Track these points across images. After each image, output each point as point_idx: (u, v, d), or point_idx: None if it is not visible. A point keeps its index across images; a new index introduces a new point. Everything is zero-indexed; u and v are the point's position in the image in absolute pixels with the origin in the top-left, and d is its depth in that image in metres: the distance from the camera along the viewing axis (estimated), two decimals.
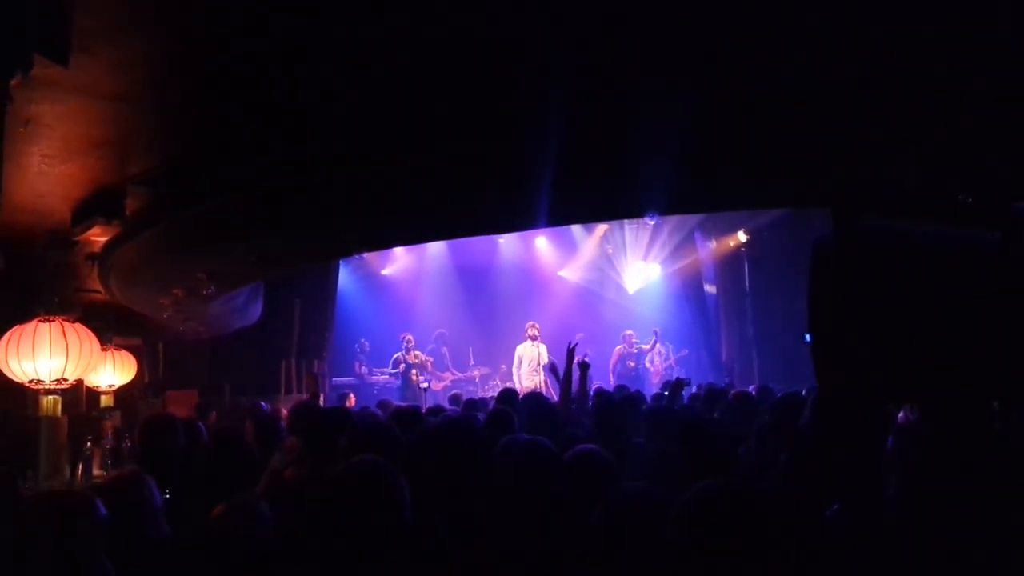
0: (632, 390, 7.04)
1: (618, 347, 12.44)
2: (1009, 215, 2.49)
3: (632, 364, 12.32)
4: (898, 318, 2.30)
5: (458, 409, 6.31)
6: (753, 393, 5.71)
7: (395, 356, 12.11)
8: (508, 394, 5.46)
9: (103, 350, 6.37)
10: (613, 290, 14.53)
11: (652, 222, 12.20)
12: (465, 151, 4.10)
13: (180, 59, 3.27)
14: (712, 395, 5.52)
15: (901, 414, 3.60)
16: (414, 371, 11.82)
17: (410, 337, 12.21)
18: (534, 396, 4.82)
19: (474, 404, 6.32)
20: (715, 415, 4.90)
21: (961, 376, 2.34)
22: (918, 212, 2.61)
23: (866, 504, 2.55)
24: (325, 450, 3.34)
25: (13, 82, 2.82)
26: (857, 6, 2.83)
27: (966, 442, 3.02)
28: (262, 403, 6.75)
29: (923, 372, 2.35)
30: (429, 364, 12.20)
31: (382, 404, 6.92)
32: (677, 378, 6.21)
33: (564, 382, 5.26)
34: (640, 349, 12.53)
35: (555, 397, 6.09)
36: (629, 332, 12.58)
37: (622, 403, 4.21)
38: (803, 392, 4.07)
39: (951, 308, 2.30)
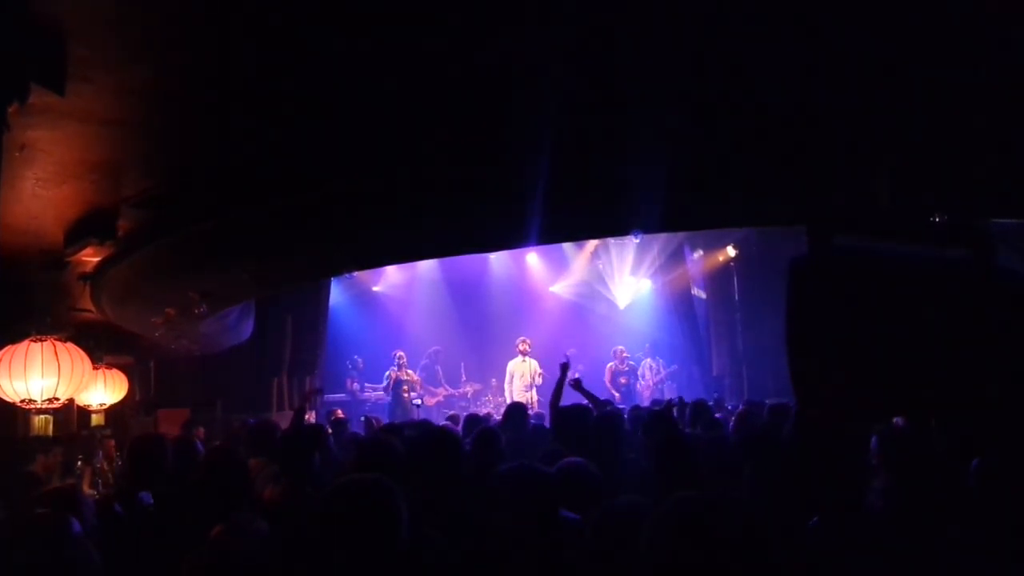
0: (626, 406, 7.11)
1: (610, 364, 12.48)
2: (981, 234, 2.57)
3: (624, 381, 12.37)
4: (873, 335, 2.37)
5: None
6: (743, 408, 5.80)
7: (387, 372, 12.11)
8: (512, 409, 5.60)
9: (94, 369, 6.38)
10: (604, 305, 14.59)
11: (637, 240, 12.33)
12: (457, 171, 4.17)
13: (174, 84, 3.33)
14: (695, 413, 5.62)
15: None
16: (404, 387, 11.82)
17: (402, 354, 12.23)
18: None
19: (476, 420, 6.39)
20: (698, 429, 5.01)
21: (937, 391, 2.41)
22: (893, 231, 2.70)
23: (846, 516, 2.61)
24: (299, 468, 3.39)
25: (10, 110, 2.87)
26: (832, 32, 2.92)
27: (952, 448, 3.10)
28: (250, 420, 6.77)
29: (899, 388, 2.41)
30: (418, 382, 12.18)
31: (368, 420, 7.03)
32: (668, 401, 6.30)
33: (555, 393, 5.54)
34: (631, 366, 12.58)
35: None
36: (620, 348, 12.62)
37: (601, 420, 4.24)
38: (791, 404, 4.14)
39: (926, 325, 2.38)
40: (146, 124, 3.64)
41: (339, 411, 9.84)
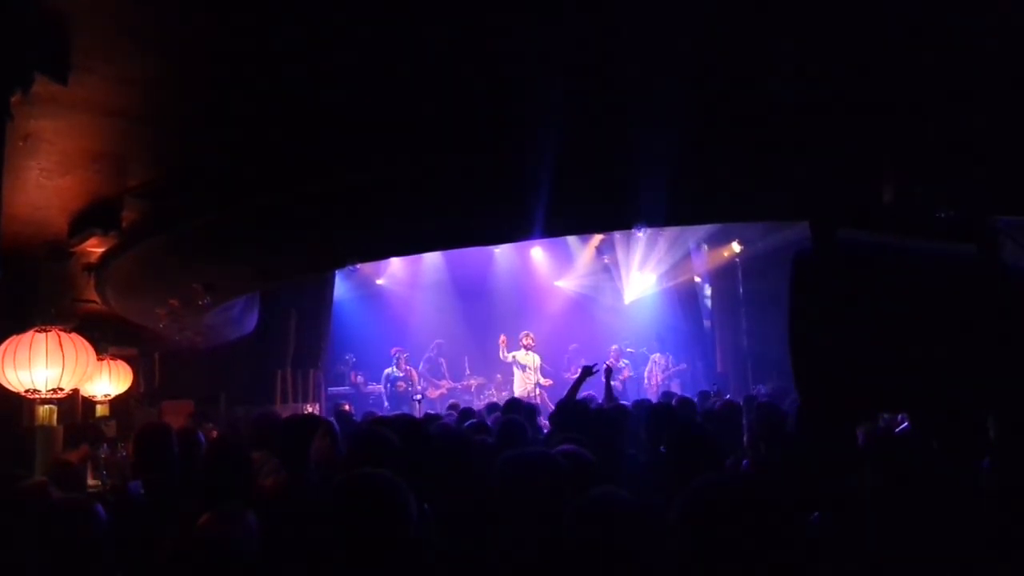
0: (620, 403, 7.12)
1: (607, 362, 12.49)
2: (986, 229, 2.55)
3: (623, 377, 12.37)
4: (876, 331, 2.35)
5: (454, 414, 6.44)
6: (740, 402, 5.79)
7: (386, 372, 12.10)
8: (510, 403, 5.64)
9: (99, 360, 6.40)
10: (609, 300, 14.55)
11: (641, 234, 12.30)
12: (461, 163, 4.17)
13: (176, 75, 3.32)
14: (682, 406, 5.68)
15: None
16: (400, 383, 11.82)
17: (399, 350, 12.24)
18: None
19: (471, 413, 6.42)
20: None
21: (937, 388, 2.40)
22: (897, 226, 2.68)
23: (848, 510, 2.60)
24: (297, 458, 3.39)
25: (13, 99, 2.88)
26: (837, 28, 2.90)
27: (953, 447, 3.08)
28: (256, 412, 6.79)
29: (902, 385, 2.40)
30: (415, 376, 12.17)
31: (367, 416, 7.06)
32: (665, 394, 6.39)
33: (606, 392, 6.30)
34: (627, 364, 12.58)
35: (549, 406, 6.39)
36: (615, 347, 12.60)
37: (605, 414, 4.25)
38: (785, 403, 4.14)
39: (929, 321, 2.36)
40: (149, 115, 3.65)
41: (346, 404, 9.87)
